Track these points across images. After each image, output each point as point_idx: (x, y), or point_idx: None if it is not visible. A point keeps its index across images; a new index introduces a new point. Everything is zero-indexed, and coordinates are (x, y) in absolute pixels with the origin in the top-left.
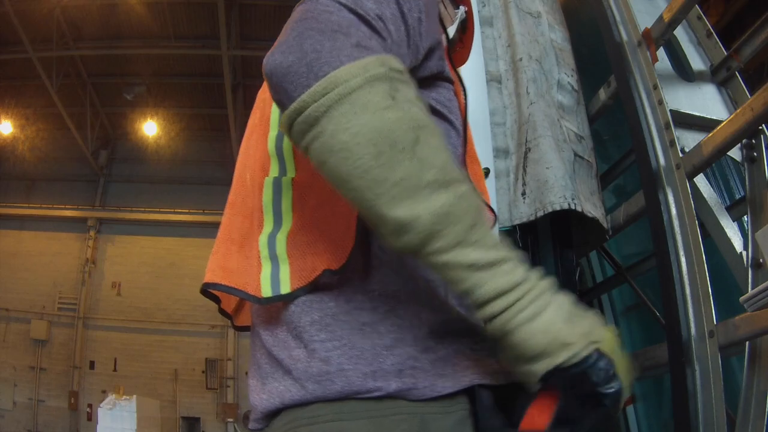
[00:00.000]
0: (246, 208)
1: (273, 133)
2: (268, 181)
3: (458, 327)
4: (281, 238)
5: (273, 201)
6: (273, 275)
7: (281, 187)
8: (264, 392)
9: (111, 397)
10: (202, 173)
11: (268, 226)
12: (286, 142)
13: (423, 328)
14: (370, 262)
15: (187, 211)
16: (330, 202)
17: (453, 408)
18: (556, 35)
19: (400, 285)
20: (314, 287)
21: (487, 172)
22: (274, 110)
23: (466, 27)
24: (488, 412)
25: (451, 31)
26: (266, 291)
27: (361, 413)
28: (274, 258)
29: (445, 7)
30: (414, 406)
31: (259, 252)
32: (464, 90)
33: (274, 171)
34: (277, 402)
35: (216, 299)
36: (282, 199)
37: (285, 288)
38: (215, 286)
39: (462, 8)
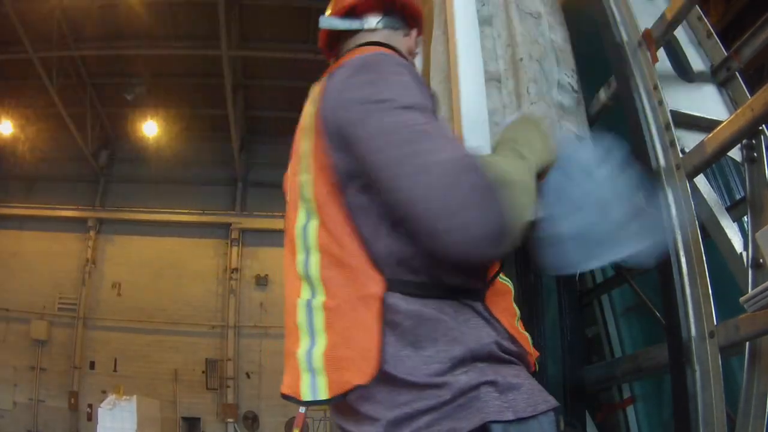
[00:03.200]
0: (288, 326)
1: (300, 257)
2: (301, 303)
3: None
4: (318, 354)
5: (307, 321)
6: (312, 384)
7: (312, 310)
8: None
9: (111, 397)
10: (202, 173)
11: (304, 343)
12: (313, 268)
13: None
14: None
15: (187, 211)
16: (357, 325)
17: None
18: (557, 36)
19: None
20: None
21: None
22: (298, 228)
23: None
24: None
25: None
26: (306, 396)
27: None
28: (312, 370)
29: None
30: None
31: (299, 365)
32: None
33: (305, 293)
34: None
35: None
36: (314, 320)
37: (323, 395)
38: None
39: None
